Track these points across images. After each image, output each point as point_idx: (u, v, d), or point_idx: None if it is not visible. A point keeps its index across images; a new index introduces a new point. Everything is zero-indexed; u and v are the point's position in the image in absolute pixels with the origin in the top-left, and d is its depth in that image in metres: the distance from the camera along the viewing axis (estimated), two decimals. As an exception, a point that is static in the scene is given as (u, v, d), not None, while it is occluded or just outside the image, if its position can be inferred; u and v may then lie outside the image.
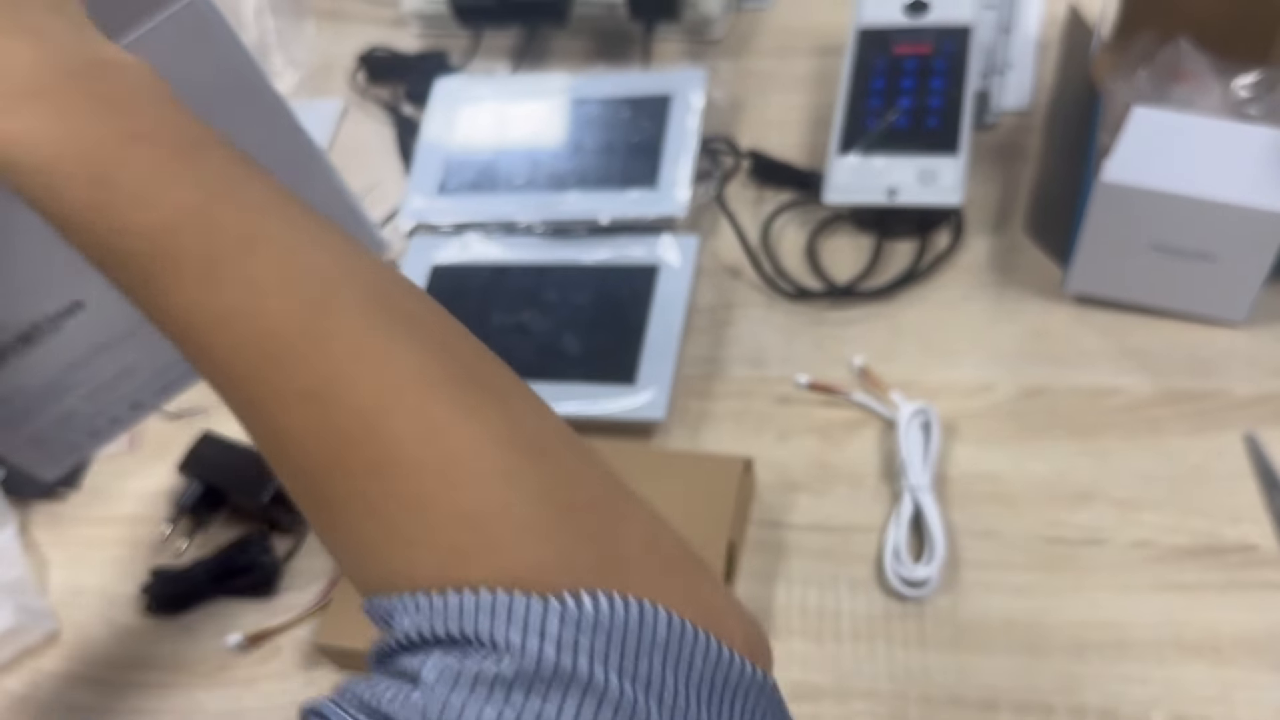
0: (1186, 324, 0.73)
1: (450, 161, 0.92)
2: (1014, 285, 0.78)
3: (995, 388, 0.74)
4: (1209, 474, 0.67)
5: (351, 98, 1.04)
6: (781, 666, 0.65)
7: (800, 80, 0.94)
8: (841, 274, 0.81)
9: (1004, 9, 0.90)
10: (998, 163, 0.85)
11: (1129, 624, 0.63)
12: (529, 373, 0.79)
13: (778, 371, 0.78)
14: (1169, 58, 0.76)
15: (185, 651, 0.73)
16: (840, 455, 0.73)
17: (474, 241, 0.87)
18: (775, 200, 0.87)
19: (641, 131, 0.88)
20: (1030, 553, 0.67)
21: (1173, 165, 0.67)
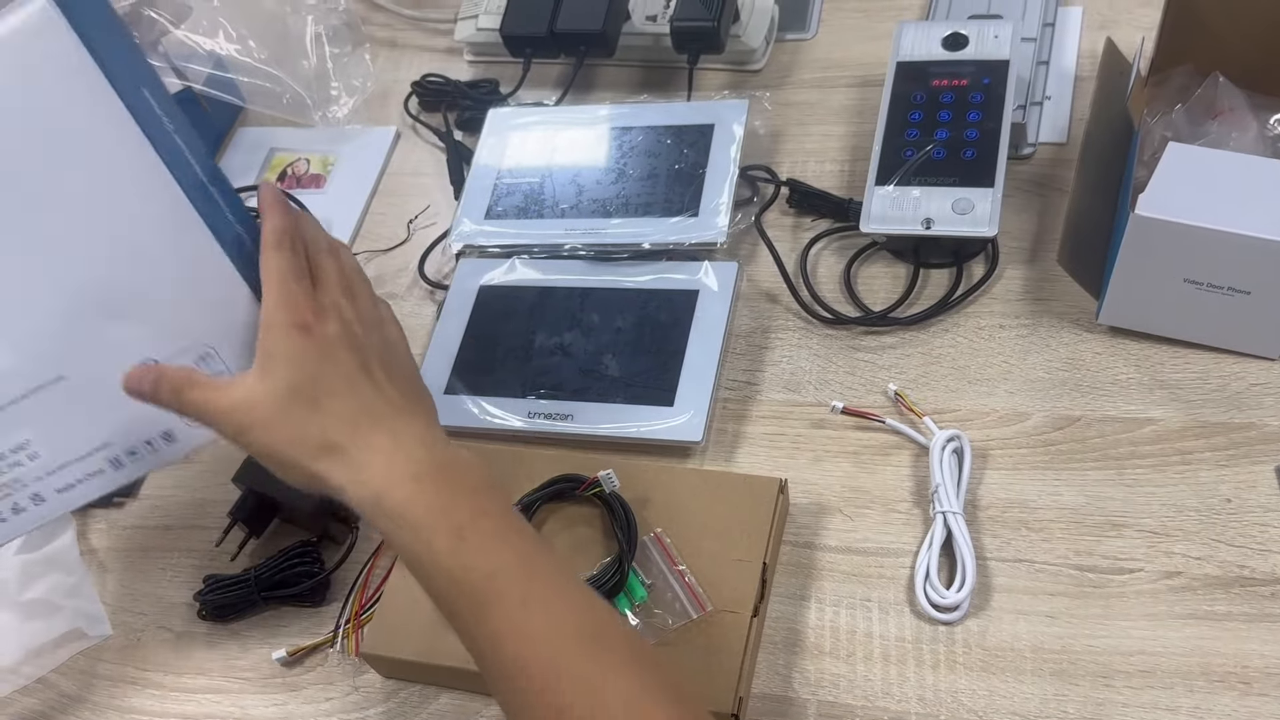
0: (1219, 357, 0.74)
1: (499, 187, 0.95)
2: (1048, 315, 0.79)
3: (1028, 416, 0.75)
4: (1240, 506, 0.68)
5: (405, 123, 1.08)
6: (811, 687, 0.67)
7: (839, 111, 0.96)
8: (877, 301, 0.83)
9: (1042, 42, 0.91)
10: (1033, 194, 0.86)
11: (1158, 653, 0.64)
12: (571, 393, 0.82)
13: (813, 396, 0.79)
14: (1206, 93, 0.77)
15: (235, 658, 0.76)
16: (873, 479, 0.74)
17: (520, 264, 0.90)
18: (813, 228, 0.89)
19: (684, 159, 0.91)
20: (1060, 580, 0.68)
21: (1207, 200, 0.68)
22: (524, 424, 0.81)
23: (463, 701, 0.70)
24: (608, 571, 0.68)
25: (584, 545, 0.71)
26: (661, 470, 0.75)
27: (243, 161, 1.08)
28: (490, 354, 0.85)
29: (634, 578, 0.68)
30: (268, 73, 1.03)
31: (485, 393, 0.83)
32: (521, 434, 0.81)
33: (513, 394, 0.82)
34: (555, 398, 0.81)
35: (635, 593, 0.68)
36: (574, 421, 0.80)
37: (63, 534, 0.82)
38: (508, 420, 0.81)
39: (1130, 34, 0.88)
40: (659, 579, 0.69)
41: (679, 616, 0.67)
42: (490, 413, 0.82)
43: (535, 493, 0.73)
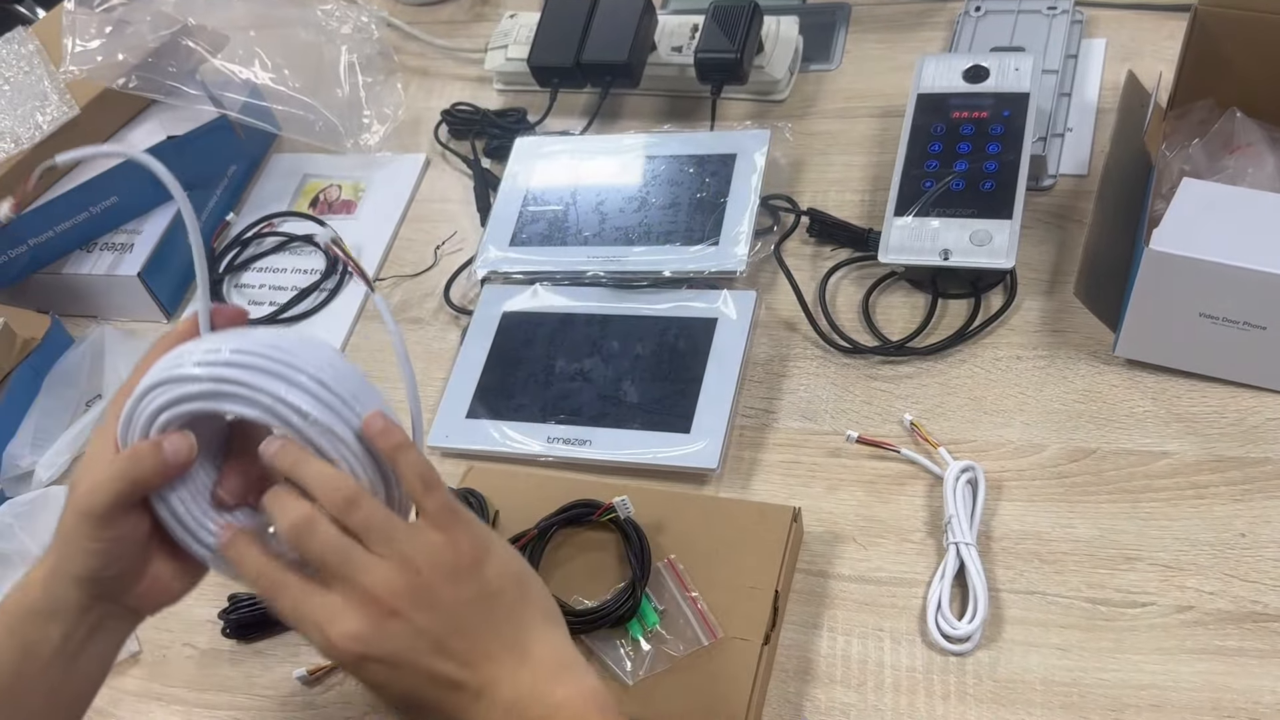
0: (1236, 391, 0.74)
1: (524, 214, 0.96)
2: (1065, 347, 0.80)
3: (1043, 448, 0.75)
4: (1254, 541, 0.68)
5: (434, 151, 1.10)
6: (822, 714, 0.67)
7: (860, 141, 0.97)
8: (895, 331, 0.84)
9: (1064, 74, 0.92)
10: (1053, 225, 0.87)
11: (1169, 687, 0.64)
12: (590, 419, 0.83)
13: (829, 425, 0.80)
14: (1224, 128, 0.78)
15: (257, 676, 0.77)
16: (887, 509, 0.75)
17: (543, 290, 0.91)
18: (832, 257, 0.89)
19: (706, 189, 0.92)
20: (1072, 613, 0.68)
21: (1221, 236, 0.68)
22: (543, 449, 0.82)
23: (477, 723, 0.71)
24: (621, 597, 0.69)
25: (598, 570, 0.72)
26: (676, 497, 0.76)
27: (276, 187, 1.10)
28: (512, 379, 0.87)
29: (647, 603, 0.69)
30: (302, 101, 1.05)
31: (506, 417, 0.84)
32: (540, 458, 0.82)
33: (533, 419, 0.84)
34: (574, 423, 0.83)
35: (648, 618, 0.69)
36: (592, 447, 0.81)
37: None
38: (528, 445, 0.82)
39: (1154, 67, 0.88)
40: (671, 605, 0.69)
41: (690, 643, 0.67)
42: (510, 437, 0.83)
43: (552, 517, 0.74)
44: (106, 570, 0.56)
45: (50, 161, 0.57)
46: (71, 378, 0.95)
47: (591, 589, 0.71)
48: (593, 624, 0.68)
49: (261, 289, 1.01)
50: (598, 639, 0.69)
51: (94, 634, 0.58)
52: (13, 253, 0.98)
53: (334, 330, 0.97)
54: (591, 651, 0.68)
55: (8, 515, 0.84)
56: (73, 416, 0.94)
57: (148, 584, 0.58)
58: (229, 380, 0.52)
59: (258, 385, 0.52)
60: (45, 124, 0.97)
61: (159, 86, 1.01)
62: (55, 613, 0.57)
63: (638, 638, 0.68)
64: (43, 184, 0.97)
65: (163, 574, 0.58)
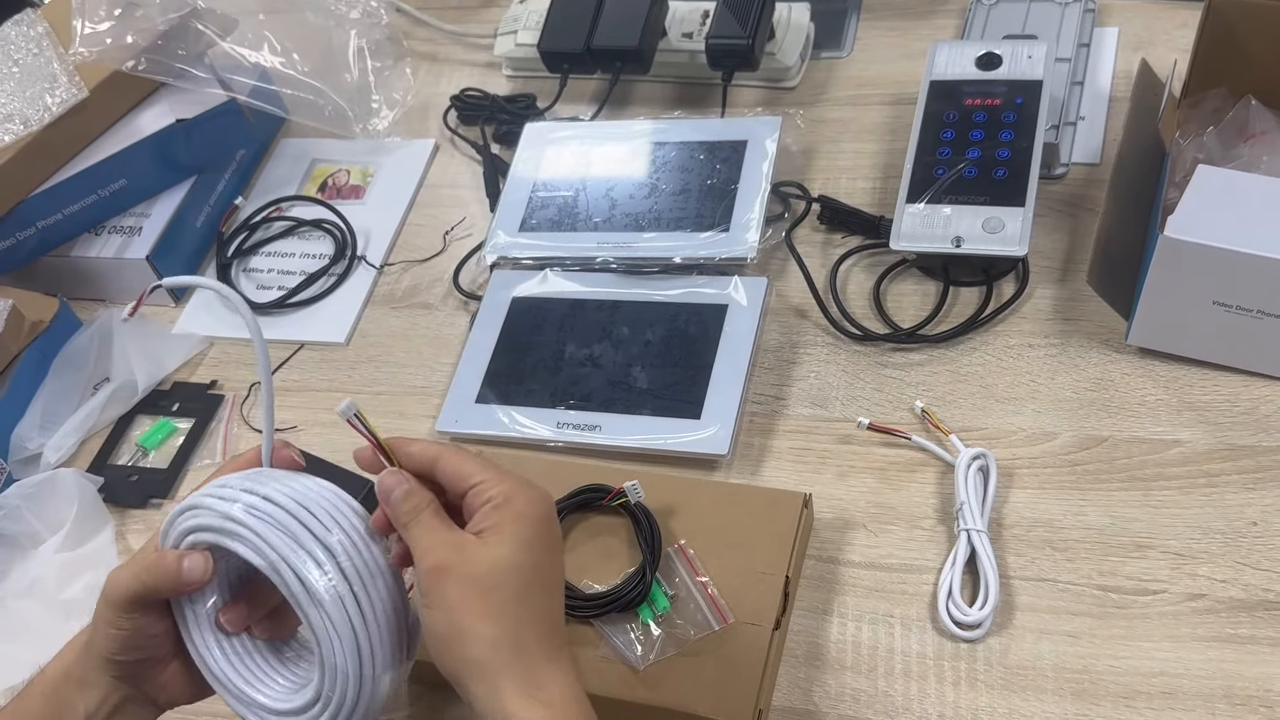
0: (1248, 380, 0.74)
1: (534, 200, 0.96)
2: (1077, 335, 0.79)
3: (1055, 436, 0.75)
4: (1266, 530, 0.68)
5: (443, 136, 1.09)
6: (832, 700, 0.68)
7: (872, 129, 0.97)
8: (906, 319, 0.83)
9: (1077, 63, 0.91)
10: (1065, 214, 0.86)
11: (1180, 675, 0.64)
12: (600, 404, 0.83)
13: (840, 412, 0.80)
14: (1238, 116, 0.77)
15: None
16: (898, 496, 0.75)
17: (552, 276, 0.91)
18: (843, 245, 0.89)
19: (716, 175, 0.92)
20: (1083, 600, 0.68)
21: (1236, 223, 0.68)
22: (553, 434, 0.82)
23: (486, 706, 0.71)
24: (631, 581, 0.69)
25: (609, 554, 0.72)
26: (687, 482, 0.76)
27: (285, 172, 1.10)
28: (521, 364, 0.86)
29: (657, 588, 0.69)
30: (311, 85, 1.05)
31: (515, 402, 0.84)
32: (550, 444, 0.82)
33: (542, 404, 0.83)
34: (584, 409, 0.82)
35: (658, 603, 0.69)
36: (602, 432, 0.81)
37: (101, 533, 0.84)
38: (537, 430, 0.82)
39: (1166, 55, 0.88)
40: (682, 590, 0.69)
41: (701, 627, 0.67)
42: (520, 422, 0.83)
43: (562, 502, 0.74)
44: (124, 655, 0.59)
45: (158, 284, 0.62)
46: (79, 361, 0.95)
47: (602, 573, 0.71)
48: (603, 608, 0.68)
49: (270, 273, 1.01)
50: (608, 623, 0.69)
51: (116, 715, 0.60)
52: (21, 235, 0.98)
53: (342, 315, 0.97)
54: (602, 636, 0.68)
55: (15, 497, 0.84)
56: (80, 399, 0.94)
57: (169, 678, 0.61)
58: (245, 526, 0.54)
59: (269, 540, 0.53)
60: (54, 106, 0.96)
61: (168, 69, 1.01)
62: (85, 683, 0.60)
63: (648, 622, 0.68)
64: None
65: (182, 673, 0.61)
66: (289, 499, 0.54)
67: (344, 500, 0.56)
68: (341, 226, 1.02)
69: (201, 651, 0.59)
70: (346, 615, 0.53)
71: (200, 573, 0.57)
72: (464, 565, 0.53)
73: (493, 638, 0.52)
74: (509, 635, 0.52)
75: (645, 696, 0.66)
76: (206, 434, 0.91)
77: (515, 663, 0.52)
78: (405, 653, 0.56)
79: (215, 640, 0.59)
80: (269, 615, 0.60)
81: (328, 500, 0.55)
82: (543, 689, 0.52)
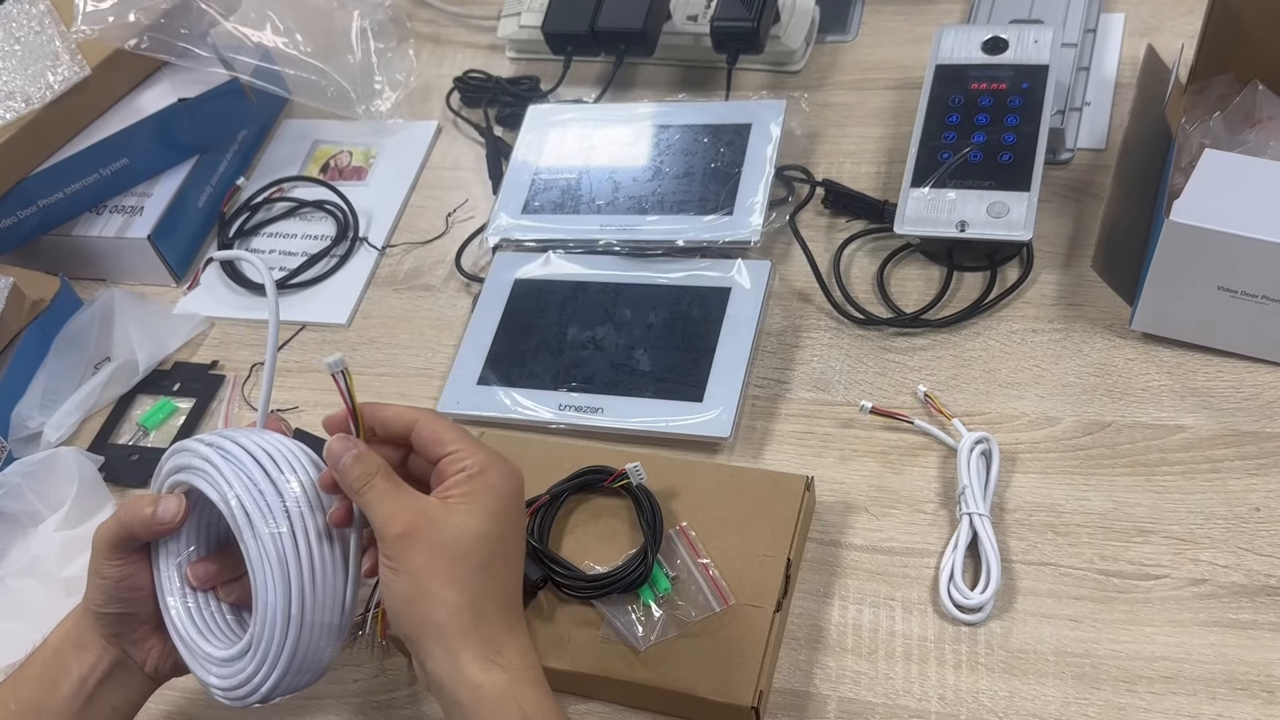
0: (1252, 366, 0.74)
1: (536, 182, 0.96)
2: (1081, 320, 0.79)
3: (1058, 421, 0.75)
4: (1269, 515, 0.68)
5: (446, 118, 1.09)
6: (833, 683, 0.68)
7: (877, 113, 0.97)
8: (910, 303, 0.83)
9: (1083, 48, 0.91)
10: (1070, 199, 0.86)
11: (1181, 659, 0.64)
12: (602, 387, 0.83)
13: (842, 396, 0.80)
14: (1244, 101, 0.77)
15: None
16: (900, 480, 0.75)
17: (555, 258, 0.91)
18: (847, 229, 0.89)
19: (720, 158, 0.91)
20: (1085, 584, 0.68)
21: (1242, 208, 0.67)
22: (554, 416, 0.82)
23: (487, 686, 0.71)
24: (633, 563, 0.69)
25: (610, 536, 0.72)
26: (689, 465, 0.75)
27: (287, 153, 1.10)
28: (523, 346, 0.86)
29: (658, 569, 0.69)
30: (313, 66, 1.04)
31: (517, 384, 0.84)
32: (552, 426, 0.82)
33: (544, 386, 0.83)
34: (586, 391, 0.82)
35: (659, 584, 0.69)
36: (604, 415, 0.81)
37: (101, 512, 0.84)
38: (538, 412, 0.82)
39: (1172, 41, 0.88)
40: (683, 571, 0.69)
41: (702, 609, 0.67)
42: (522, 404, 0.83)
43: (563, 483, 0.74)
44: (108, 607, 0.61)
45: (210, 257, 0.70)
46: (80, 340, 0.94)
47: (603, 555, 0.71)
48: (604, 589, 0.68)
49: (272, 254, 1.01)
50: (609, 604, 0.68)
51: (107, 681, 0.62)
52: (22, 214, 0.97)
53: (344, 297, 0.96)
54: (603, 617, 0.68)
55: (16, 475, 0.84)
56: (81, 378, 0.93)
57: (155, 642, 0.63)
58: (210, 463, 0.57)
59: (226, 476, 0.56)
60: (56, 84, 0.96)
61: (170, 48, 1.00)
62: (79, 647, 0.62)
63: (649, 603, 0.68)
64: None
65: (167, 638, 0.62)
66: (257, 446, 0.58)
67: (311, 459, 0.59)
68: (343, 208, 1.02)
69: (166, 599, 0.61)
70: (284, 553, 0.55)
71: (173, 514, 0.59)
72: (432, 530, 0.54)
73: (457, 603, 0.53)
74: (472, 602, 0.54)
75: (646, 677, 0.66)
76: (207, 414, 0.91)
77: (476, 629, 0.54)
78: (344, 611, 0.57)
79: (181, 592, 0.61)
80: (238, 580, 0.62)
81: (293, 455, 0.58)
82: (501, 654, 0.54)
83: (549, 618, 0.69)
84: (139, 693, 0.64)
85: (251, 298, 0.99)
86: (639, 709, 0.68)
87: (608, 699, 0.69)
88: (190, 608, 0.61)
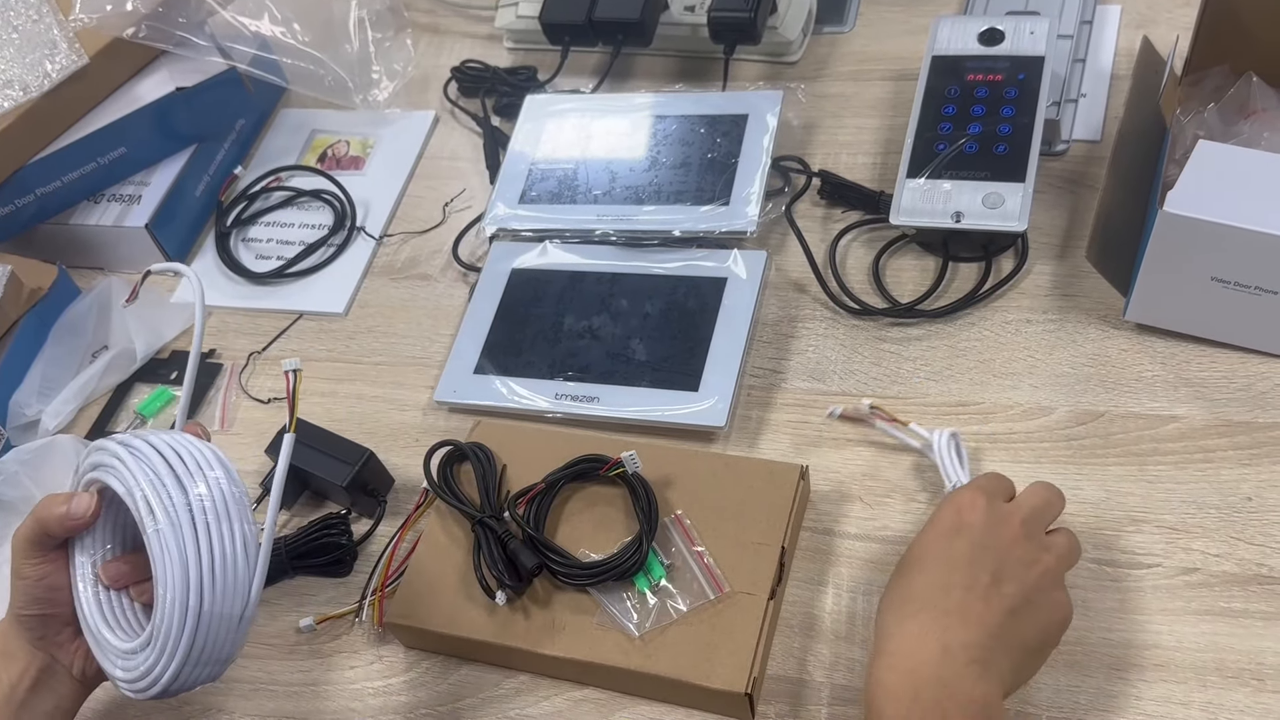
0: (1245, 356, 0.74)
1: (533, 172, 0.96)
2: (1075, 311, 0.80)
3: (1052, 410, 0.75)
4: (1261, 505, 0.68)
5: (444, 108, 1.09)
6: (826, 670, 0.68)
7: (873, 104, 0.97)
8: (905, 293, 0.83)
9: (1079, 40, 0.91)
10: (1065, 190, 0.86)
11: (1173, 647, 0.64)
12: (598, 376, 0.83)
13: (837, 386, 0.80)
14: (1239, 93, 0.77)
15: (263, 625, 0.78)
16: (894, 469, 0.75)
17: (552, 248, 0.91)
18: (843, 219, 0.89)
19: (717, 149, 0.91)
20: (1078, 573, 0.68)
21: (1235, 199, 0.68)
22: (550, 405, 0.82)
23: (483, 673, 0.72)
24: (628, 550, 0.69)
25: (606, 524, 0.72)
26: (684, 454, 0.76)
27: (285, 142, 1.10)
28: (520, 336, 0.86)
29: (653, 557, 0.70)
30: (311, 55, 1.04)
31: (514, 373, 0.84)
32: (548, 414, 0.82)
33: (541, 375, 0.84)
34: (582, 380, 0.83)
35: (654, 572, 0.69)
36: (600, 404, 0.81)
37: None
38: (535, 401, 0.82)
39: (1168, 33, 0.88)
40: (678, 559, 0.70)
41: (697, 596, 0.68)
42: (518, 393, 0.83)
43: (559, 472, 0.74)
44: (29, 609, 0.62)
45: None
46: (78, 328, 0.95)
47: (598, 543, 0.71)
48: (600, 577, 0.69)
49: (269, 243, 1.01)
50: (604, 592, 0.69)
51: (37, 688, 0.63)
52: (20, 202, 0.97)
53: (341, 286, 0.97)
54: (599, 604, 0.69)
55: (13, 463, 0.84)
56: (79, 367, 0.94)
57: (80, 645, 0.63)
58: (120, 460, 0.58)
59: (133, 471, 0.57)
60: (54, 72, 0.96)
61: (168, 37, 1.00)
62: (7, 654, 0.63)
63: (644, 591, 0.69)
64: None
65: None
66: (166, 446, 0.59)
67: (219, 460, 0.59)
68: (341, 197, 1.02)
69: (80, 595, 0.62)
70: (184, 545, 0.56)
71: (84, 509, 0.60)
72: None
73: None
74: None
75: (641, 664, 0.66)
76: (204, 403, 0.91)
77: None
78: (246, 604, 0.58)
79: (95, 590, 0.63)
80: (150, 581, 0.61)
81: (201, 454, 0.59)
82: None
83: (545, 605, 0.70)
84: (70, 699, 0.64)
85: (250, 286, 0.99)
86: (634, 695, 0.69)
87: (603, 686, 0.69)
88: (101, 602, 0.62)
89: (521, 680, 0.71)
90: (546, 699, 0.70)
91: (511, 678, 0.71)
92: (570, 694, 0.70)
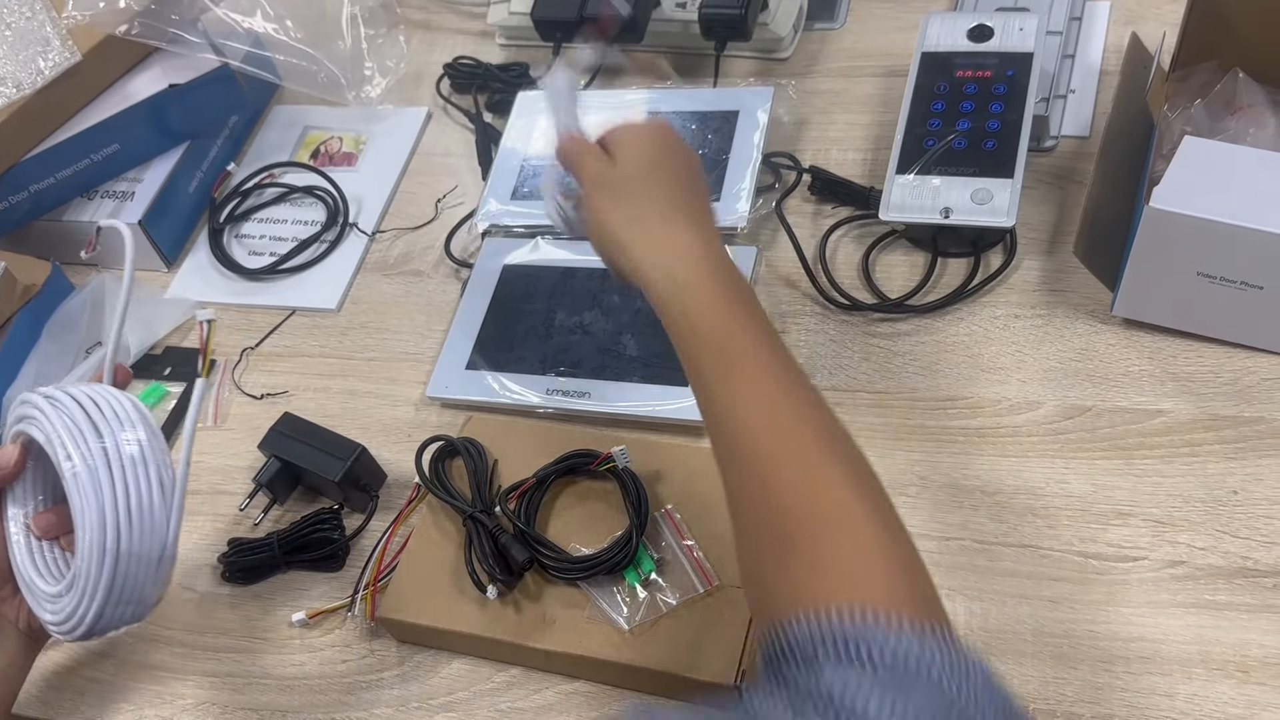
0: (1231, 351, 0.75)
1: (525, 168, 0.96)
2: (1063, 306, 0.80)
3: (1039, 405, 0.76)
4: (1246, 498, 0.69)
5: (436, 105, 1.09)
6: (815, 662, 0.67)
7: (864, 100, 0.97)
8: (894, 289, 0.84)
9: (1069, 36, 0.91)
10: (1054, 186, 0.87)
11: (1158, 640, 0.65)
12: (589, 371, 0.83)
13: (827, 381, 0.80)
14: (1225, 89, 0.78)
15: (256, 619, 0.78)
16: (882, 463, 0.73)
17: (544, 244, 0.91)
18: (833, 215, 0.90)
19: (708, 145, 0.92)
20: (1064, 566, 0.68)
21: (1221, 195, 0.68)
22: (542, 400, 0.82)
23: (474, 666, 0.72)
24: (619, 545, 0.70)
25: (596, 519, 0.73)
26: (675, 448, 0.76)
27: (278, 139, 1.10)
28: (512, 331, 0.87)
29: (644, 551, 0.70)
30: (304, 52, 1.05)
31: (505, 369, 0.85)
32: (539, 410, 0.82)
33: (532, 371, 0.84)
34: (573, 375, 0.83)
35: (644, 566, 0.69)
36: (591, 399, 0.81)
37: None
38: (526, 396, 0.83)
39: (1157, 30, 0.88)
40: (668, 553, 0.70)
41: (686, 590, 0.68)
42: (510, 389, 0.83)
43: (550, 466, 0.74)
44: None
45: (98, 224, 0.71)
46: (72, 324, 0.95)
47: (589, 537, 0.72)
48: (590, 571, 0.69)
49: (262, 239, 1.02)
50: (595, 586, 0.69)
51: None
52: (13, 199, 0.98)
53: (334, 282, 0.97)
54: (589, 598, 0.69)
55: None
56: (73, 363, 0.94)
57: (23, 600, 0.65)
58: (41, 411, 0.61)
59: (53, 421, 0.60)
60: (47, 70, 0.96)
61: (161, 34, 1.00)
62: None
63: (634, 585, 0.69)
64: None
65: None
66: (85, 396, 0.61)
67: (136, 408, 0.61)
68: (334, 193, 1.02)
69: (13, 547, 0.65)
70: (99, 487, 0.58)
71: (8, 460, 0.64)
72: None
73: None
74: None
75: (631, 658, 0.66)
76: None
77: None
78: (165, 545, 0.60)
79: (28, 540, 0.66)
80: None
81: (119, 403, 0.61)
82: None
83: (535, 599, 0.70)
84: (20, 654, 0.67)
85: (242, 283, 0.99)
86: (624, 688, 0.69)
87: (593, 679, 0.70)
88: (33, 551, 0.65)
89: (513, 674, 0.71)
90: (538, 692, 0.70)
91: (503, 671, 0.72)
92: (561, 687, 0.70)
